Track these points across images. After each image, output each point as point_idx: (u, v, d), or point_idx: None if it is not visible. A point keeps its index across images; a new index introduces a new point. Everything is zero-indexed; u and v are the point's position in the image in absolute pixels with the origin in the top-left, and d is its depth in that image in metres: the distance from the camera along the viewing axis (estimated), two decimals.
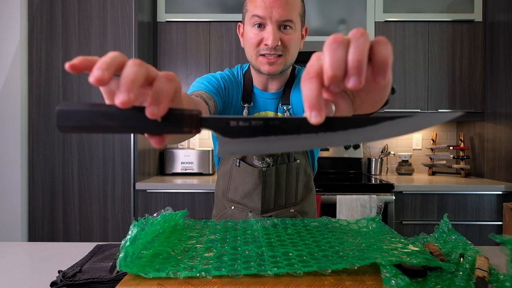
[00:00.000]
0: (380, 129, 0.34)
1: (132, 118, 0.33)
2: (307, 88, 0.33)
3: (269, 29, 0.86)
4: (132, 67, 0.32)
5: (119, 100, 0.31)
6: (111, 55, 0.33)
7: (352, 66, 0.32)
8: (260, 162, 0.99)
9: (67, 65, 0.32)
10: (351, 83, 0.32)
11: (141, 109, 0.33)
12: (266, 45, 0.87)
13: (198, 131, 0.34)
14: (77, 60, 0.32)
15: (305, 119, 0.34)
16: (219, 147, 0.35)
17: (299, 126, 0.34)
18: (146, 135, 0.36)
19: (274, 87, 1.00)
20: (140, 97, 0.34)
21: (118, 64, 0.33)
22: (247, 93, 1.00)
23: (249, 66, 1.04)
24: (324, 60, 0.33)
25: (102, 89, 0.36)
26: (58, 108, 0.33)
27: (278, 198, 1.02)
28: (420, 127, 0.35)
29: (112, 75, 0.32)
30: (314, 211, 1.10)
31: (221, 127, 0.34)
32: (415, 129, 0.35)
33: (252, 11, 0.88)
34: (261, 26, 0.88)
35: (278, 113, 1.01)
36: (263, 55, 0.89)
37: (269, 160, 0.99)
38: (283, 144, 0.34)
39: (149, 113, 0.32)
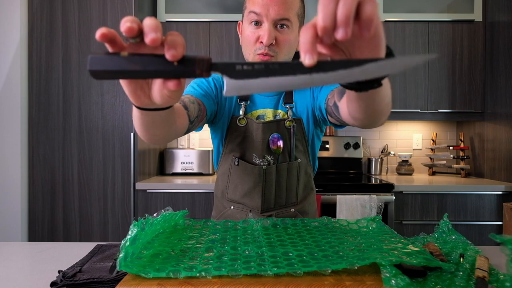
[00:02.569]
0: (365, 68, 0.38)
1: (153, 62, 0.39)
2: (302, 36, 0.38)
3: (265, 27, 0.87)
4: (150, 19, 0.38)
5: (150, 38, 0.37)
6: (145, 21, 0.38)
7: (340, 19, 0.36)
8: (261, 160, 0.99)
9: (98, 34, 0.37)
10: (339, 34, 0.37)
11: (160, 56, 0.39)
12: (261, 42, 0.88)
13: (209, 74, 0.39)
14: (106, 30, 0.38)
15: (300, 63, 0.38)
16: (226, 87, 0.39)
17: (295, 68, 0.38)
18: (163, 83, 0.42)
19: None
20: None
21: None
22: None
23: None
24: (318, 14, 0.38)
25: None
26: (90, 55, 0.38)
27: (278, 197, 1.01)
28: (398, 68, 0.39)
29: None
30: (314, 211, 1.09)
31: (228, 70, 0.39)
32: (394, 70, 0.39)
33: (250, 8, 0.89)
34: (257, 23, 0.89)
35: (278, 111, 1.01)
36: (259, 54, 0.90)
37: (269, 158, 0.99)
38: (281, 84, 0.39)
39: (169, 55, 0.38)
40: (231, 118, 0.99)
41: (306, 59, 0.38)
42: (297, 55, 0.96)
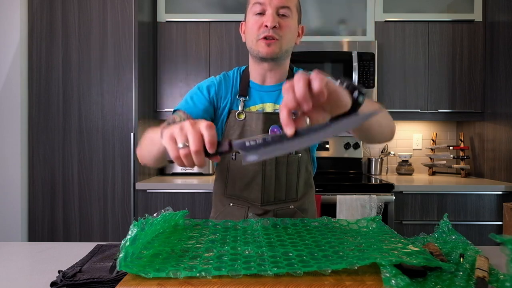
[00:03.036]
0: (332, 129, 0.52)
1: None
2: (281, 114, 0.51)
3: (269, 13, 0.93)
4: (210, 135, 0.53)
5: (215, 159, 0.57)
6: (207, 140, 0.54)
7: (299, 99, 0.50)
8: None
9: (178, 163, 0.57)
10: (304, 108, 0.50)
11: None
12: (266, 26, 0.93)
13: (232, 151, 0.55)
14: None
15: (284, 135, 0.52)
16: (243, 158, 0.53)
17: (282, 139, 0.52)
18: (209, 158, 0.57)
19: (272, 80, 1.03)
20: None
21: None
22: (243, 87, 1.04)
23: (246, 67, 1.06)
24: (283, 99, 0.52)
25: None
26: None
27: (278, 191, 1.02)
28: (358, 123, 0.57)
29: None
30: (314, 210, 1.10)
31: (241, 147, 0.54)
32: (354, 125, 0.57)
33: (254, 0, 0.96)
34: (261, 13, 0.95)
35: (278, 105, 1.02)
36: (262, 38, 0.95)
37: None
38: (278, 150, 0.53)
39: (210, 151, 0.54)
40: (229, 112, 1.01)
41: (287, 131, 0.51)
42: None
